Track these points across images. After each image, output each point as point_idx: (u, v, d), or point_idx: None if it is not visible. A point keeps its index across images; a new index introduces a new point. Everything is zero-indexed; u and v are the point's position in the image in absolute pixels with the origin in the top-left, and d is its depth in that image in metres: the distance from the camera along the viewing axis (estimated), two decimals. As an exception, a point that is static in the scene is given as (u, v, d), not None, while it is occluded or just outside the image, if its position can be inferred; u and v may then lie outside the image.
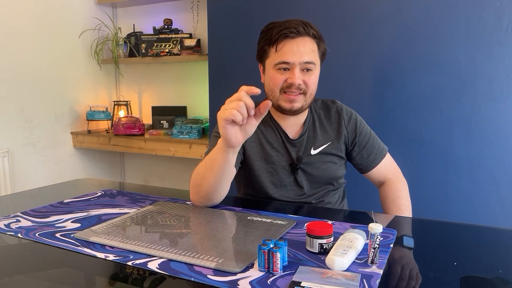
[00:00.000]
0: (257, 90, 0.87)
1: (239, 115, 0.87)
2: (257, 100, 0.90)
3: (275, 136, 1.22)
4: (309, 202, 1.22)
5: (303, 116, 1.23)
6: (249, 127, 0.92)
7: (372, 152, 1.26)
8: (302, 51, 1.10)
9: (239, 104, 0.86)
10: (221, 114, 0.88)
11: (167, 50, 2.72)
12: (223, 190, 1.06)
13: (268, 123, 1.23)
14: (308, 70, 1.12)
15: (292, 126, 1.23)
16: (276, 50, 1.12)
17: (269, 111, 1.23)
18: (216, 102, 2.10)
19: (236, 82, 2.01)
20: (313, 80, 1.14)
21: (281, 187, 1.22)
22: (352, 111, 1.28)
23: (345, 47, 1.76)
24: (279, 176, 1.21)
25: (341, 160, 1.26)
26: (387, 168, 1.29)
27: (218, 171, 1.00)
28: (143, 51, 2.78)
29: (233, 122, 0.88)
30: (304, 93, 1.14)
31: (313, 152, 1.22)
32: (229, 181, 1.05)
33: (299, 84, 1.11)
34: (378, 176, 1.29)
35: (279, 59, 1.11)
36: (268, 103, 0.89)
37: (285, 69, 1.12)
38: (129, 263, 0.74)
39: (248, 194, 1.28)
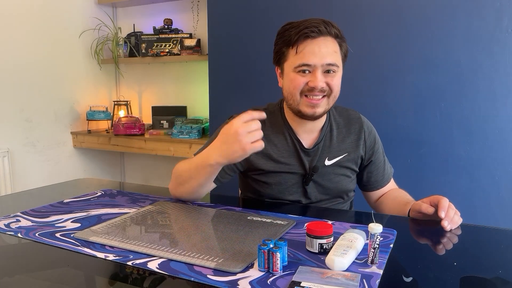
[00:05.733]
0: (264, 115, 0.93)
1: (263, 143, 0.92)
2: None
3: (287, 145, 1.15)
4: None
5: (320, 122, 1.15)
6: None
7: (385, 173, 1.24)
8: (324, 52, 1.02)
9: (261, 134, 0.92)
10: (250, 146, 0.91)
11: (167, 50, 2.72)
12: (202, 194, 1.12)
13: (281, 130, 1.16)
14: (329, 71, 1.05)
15: (308, 132, 1.15)
16: (296, 52, 1.04)
17: (284, 117, 1.17)
18: (216, 102, 2.09)
19: (236, 82, 2.02)
20: (336, 81, 1.07)
21: (287, 197, 1.16)
22: (372, 126, 1.23)
23: (345, 47, 1.75)
24: (287, 186, 1.15)
25: (354, 173, 1.21)
26: (389, 187, 1.26)
27: (203, 180, 1.05)
28: (143, 51, 2.78)
29: None
30: (328, 96, 1.07)
31: (327, 162, 1.15)
32: (208, 189, 1.12)
33: (322, 87, 1.04)
34: (380, 193, 1.25)
35: (300, 61, 1.03)
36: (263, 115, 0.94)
37: (305, 71, 1.04)
38: (129, 263, 0.74)
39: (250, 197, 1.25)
